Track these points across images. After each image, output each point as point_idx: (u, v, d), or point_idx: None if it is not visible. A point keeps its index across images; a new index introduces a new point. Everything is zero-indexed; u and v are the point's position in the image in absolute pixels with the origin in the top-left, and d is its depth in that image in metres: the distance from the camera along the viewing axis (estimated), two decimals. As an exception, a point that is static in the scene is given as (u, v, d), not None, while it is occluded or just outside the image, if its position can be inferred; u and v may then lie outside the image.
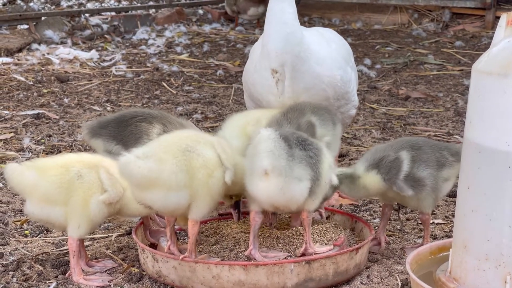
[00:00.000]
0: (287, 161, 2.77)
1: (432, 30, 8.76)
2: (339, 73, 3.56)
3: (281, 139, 2.78)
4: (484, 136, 2.56)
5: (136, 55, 7.40)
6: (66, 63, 6.92)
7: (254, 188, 2.84)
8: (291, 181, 2.79)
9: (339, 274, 2.95)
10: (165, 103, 5.75)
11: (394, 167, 3.09)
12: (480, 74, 2.60)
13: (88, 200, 2.93)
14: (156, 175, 2.76)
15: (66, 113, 5.44)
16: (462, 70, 6.81)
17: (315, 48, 3.46)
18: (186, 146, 2.84)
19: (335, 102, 3.60)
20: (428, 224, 3.24)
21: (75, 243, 2.96)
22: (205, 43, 7.99)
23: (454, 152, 3.23)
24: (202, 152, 2.85)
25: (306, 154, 2.84)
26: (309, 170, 2.83)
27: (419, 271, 2.86)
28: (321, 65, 3.47)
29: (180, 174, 2.79)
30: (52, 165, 2.97)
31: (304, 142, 2.87)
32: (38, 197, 2.92)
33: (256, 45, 3.83)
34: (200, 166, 2.82)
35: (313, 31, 3.69)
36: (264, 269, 2.83)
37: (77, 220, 2.94)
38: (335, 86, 3.56)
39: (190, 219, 2.88)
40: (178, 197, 2.81)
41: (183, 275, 2.90)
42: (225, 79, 6.56)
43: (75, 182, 2.93)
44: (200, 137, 2.93)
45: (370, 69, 6.88)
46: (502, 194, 2.52)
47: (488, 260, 2.57)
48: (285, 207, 2.89)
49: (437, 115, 5.48)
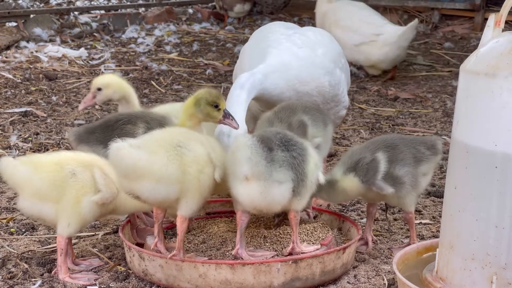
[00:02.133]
0: (265, 167, 2.79)
1: (421, 31, 8.76)
2: (326, 79, 3.57)
3: (259, 144, 2.79)
4: (471, 136, 2.57)
5: (125, 53, 7.37)
6: (54, 61, 6.89)
7: (237, 192, 2.86)
8: (270, 184, 2.80)
9: (326, 273, 2.94)
10: (154, 102, 5.73)
11: (371, 169, 3.10)
12: (468, 75, 2.60)
13: (80, 198, 2.92)
14: (146, 164, 2.76)
15: (54, 111, 5.42)
16: (451, 71, 6.83)
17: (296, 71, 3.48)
18: (178, 141, 2.85)
19: (324, 105, 3.61)
20: (413, 223, 3.24)
21: (64, 241, 2.95)
22: (194, 42, 7.98)
23: (430, 145, 3.25)
24: (193, 148, 2.86)
25: (289, 155, 2.84)
26: (290, 171, 2.83)
27: (406, 271, 2.86)
28: (306, 85, 3.49)
29: (170, 167, 2.79)
30: (46, 161, 2.97)
31: (287, 143, 2.87)
32: (31, 193, 2.92)
33: (246, 46, 3.83)
34: (191, 161, 2.83)
35: (300, 36, 3.66)
36: (251, 268, 2.83)
37: (67, 218, 2.93)
38: (324, 93, 3.58)
39: (179, 215, 2.88)
40: (167, 189, 2.81)
41: (169, 273, 2.89)
42: (214, 78, 6.55)
43: (69, 180, 2.92)
44: (191, 134, 2.94)
45: (359, 70, 6.88)
46: (489, 194, 2.52)
47: (474, 260, 2.57)
48: (268, 210, 2.90)
49: (425, 116, 5.49)
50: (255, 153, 2.78)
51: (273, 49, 3.53)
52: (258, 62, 3.47)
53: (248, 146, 2.78)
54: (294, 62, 3.49)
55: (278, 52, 3.51)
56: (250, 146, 2.78)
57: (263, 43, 3.63)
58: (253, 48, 3.68)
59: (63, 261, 2.97)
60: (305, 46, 3.59)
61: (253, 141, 2.79)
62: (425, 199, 3.90)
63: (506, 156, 2.47)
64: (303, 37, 3.65)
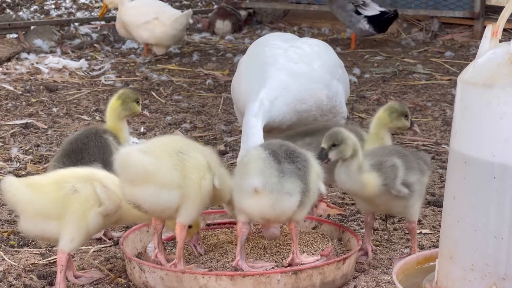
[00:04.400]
0: (278, 178, 2.81)
1: (421, 39, 8.78)
2: (323, 93, 3.58)
3: (271, 157, 2.82)
4: (469, 146, 2.58)
5: (126, 64, 7.39)
6: (55, 73, 6.91)
7: (245, 205, 2.87)
8: (282, 196, 2.83)
9: (326, 284, 2.95)
10: (154, 112, 5.75)
11: (392, 172, 3.11)
12: (465, 85, 2.61)
13: (87, 212, 2.92)
14: (155, 168, 2.79)
15: (55, 123, 5.43)
16: (451, 80, 6.84)
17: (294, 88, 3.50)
18: (179, 147, 2.89)
19: (322, 117, 3.62)
20: (415, 233, 3.25)
21: (65, 257, 2.92)
22: (194, 52, 7.99)
23: (425, 161, 3.29)
24: (194, 155, 2.89)
25: (295, 167, 2.86)
26: (299, 182, 2.85)
27: (406, 281, 2.86)
28: (305, 103, 3.51)
29: (174, 172, 2.83)
30: (45, 182, 2.95)
31: (292, 154, 2.89)
32: (33, 214, 2.90)
33: (243, 59, 3.83)
34: (193, 167, 2.87)
35: (296, 50, 3.66)
36: (251, 279, 2.83)
37: (71, 233, 2.91)
38: (322, 106, 3.59)
39: (178, 223, 2.89)
40: (169, 195, 2.83)
41: (170, 285, 2.89)
42: (214, 88, 6.56)
43: (71, 196, 2.91)
44: (189, 142, 2.99)
45: (359, 79, 6.90)
46: (488, 204, 2.53)
47: (473, 270, 2.57)
48: (276, 220, 2.93)
49: (425, 125, 5.50)
50: (268, 165, 2.81)
51: (271, 68, 3.53)
52: (257, 82, 3.47)
53: (261, 158, 2.82)
54: (292, 83, 3.50)
55: (277, 73, 3.50)
56: (264, 159, 2.81)
57: (260, 59, 3.63)
58: (250, 64, 3.67)
59: (62, 279, 2.94)
60: (301, 61, 3.59)
61: (266, 154, 2.82)
62: (425, 208, 3.90)
63: (504, 167, 2.48)
64: (299, 50, 3.65)
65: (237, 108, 3.78)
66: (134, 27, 7.48)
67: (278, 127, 3.46)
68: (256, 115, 3.35)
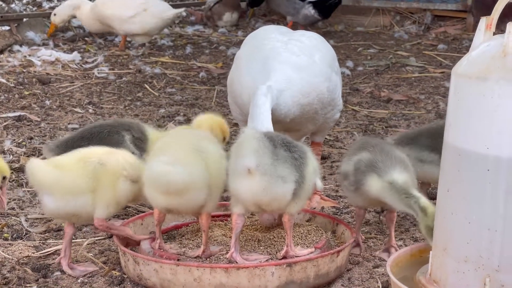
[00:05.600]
0: (271, 160, 2.79)
1: (414, 32, 8.79)
2: (325, 85, 3.57)
3: (266, 139, 2.79)
4: (463, 139, 2.58)
5: (119, 57, 7.38)
6: (48, 65, 6.89)
7: (237, 186, 2.86)
8: (275, 180, 2.81)
9: (320, 276, 2.96)
10: (147, 105, 5.74)
11: None
12: (459, 78, 2.62)
13: (116, 181, 3.03)
14: (191, 180, 2.88)
15: (48, 115, 5.42)
16: (444, 73, 6.85)
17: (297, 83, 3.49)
18: (196, 145, 2.97)
19: (322, 111, 3.62)
20: (393, 223, 3.26)
21: (105, 222, 3.05)
22: (187, 45, 7.98)
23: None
24: (210, 149, 3.00)
25: (291, 156, 2.85)
26: (294, 171, 2.84)
27: (400, 273, 2.87)
28: (308, 96, 3.51)
29: (203, 174, 2.92)
30: (69, 161, 3.04)
31: (289, 144, 2.88)
32: (64, 191, 2.98)
33: (241, 53, 3.80)
34: (213, 162, 2.96)
35: (296, 43, 3.64)
36: (245, 272, 2.84)
37: (106, 201, 3.02)
38: (323, 99, 3.58)
39: (206, 213, 3.00)
40: (200, 194, 2.95)
41: (164, 277, 2.90)
42: (207, 81, 6.56)
43: (99, 169, 3.01)
44: (200, 135, 3.12)
45: (352, 71, 6.90)
46: (482, 197, 2.54)
47: (467, 262, 2.58)
48: (268, 206, 2.90)
49: (418, 118, 5.51)
50: (263, 145, 2.78)
51: (273, 62, 3.50)
52: (261, 76, 3.45)
53: (255, 138, 2.79)
54: (296, 77, 3.48)
55: (281, 67, 3.48)
56: (258, 139, 2.79)
57: (260, 53, 3.60)
58: (250, 57, 3.64)
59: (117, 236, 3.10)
60: (302, 54, 3.58)
61: (260, 135, 2.81)
62: (419, 201, 3.90)
63: (498, 159, 2.49)
64: (299, 43, 3.64)
65: (234, 102, 3.76)
66: (119, 20, 7.43)
67: (282, 120, 3.44)
68: (265, 94, 3.32)
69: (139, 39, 7.66)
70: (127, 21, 7.44)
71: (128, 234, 3.15)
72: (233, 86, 3.70)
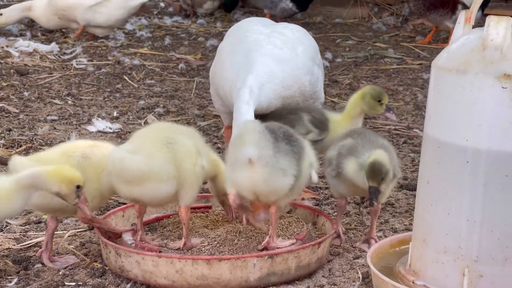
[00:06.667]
0: (273, 152, 2.81)
1: (392, 24, 8.83)
2: (307, 78, 3.60)
3: (268, 132, 2.82)
4: (443, 131, 2.61)
5: (97, 48, 7.35)
6: (25, 56, 6.85)
7: (237, 177, 2.86)
8: (276, 172, 2.82)
9: (301, 268, 2.98)
10: (126, 97, 5.73)
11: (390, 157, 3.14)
12: (439, 71, 2.65)
13: (100, 174, 3.00)
14: (150, 169, 2.87)
15: (26, 107, 5.39)
16: (421, 64, 6.89)
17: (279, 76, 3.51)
18: (167, 137, 2.95)
19: (304, 103, 3.63)
20: (377, 215, 3.28)
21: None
22: (166, 36, 7.97)
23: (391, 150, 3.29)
24: (182, 142, 2.96)
25: (291, 149, 2.87)
26: (294, 164, 2.86)
27: (380, 264, 2.90)
28: (290, 89, 3.52)
29: (169, 166, 2.90)
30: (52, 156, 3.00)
31: (290, 137, 2.90)
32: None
33: (224, 45, 3.80)
34: (185, 155, 2.94)
35: (279, 36, 3.65)
36: (227, 263, 2.85)
37: (90, 194, 2.96)
38: (305, 92, 3.60)
39: (183, 206, 2.98)
40: (167, 187, 2.93)
41: (146, 269, 2.90)
42: (186, 72, 6.55)
43: (83, 162, 2.97)
44: (175, 128, 3.09)
45: (331, 63, 6.92)
46: (461, 188, 2.57)
47: (446, 253, 2.62)
48: (266, 197, 2.90)
49: (397, 109, 5.54)
50: (264, 138, 2.80)
51: (256, 54, 3.52)
52: (243, 69, 3.47)
53: (257, 130, 2.81)
54: (278, 69, 3.51)
55: (263, 59, 3.50)
56: (260, 131, 2.80)
57: (243, 45, 3.62)
58: (233, 50, 3.65)
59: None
60: (285, 47, 3.60)
61: (262, 128, 2.82)
62: (398, 192, 3.95)
63: (477, 151, 2.52)
64: (282, 36, 3.65)
65: (216, 94, 3.77)
66: (82, 8, 7.34)
67: (264, 113, 3.47)
68: (247, 102, 3.35)
69: (100, 31, 7.59)
70: (90, 9, 7.37)
71: (110, 227, 3.15)
72: (215, 78, 3.71)
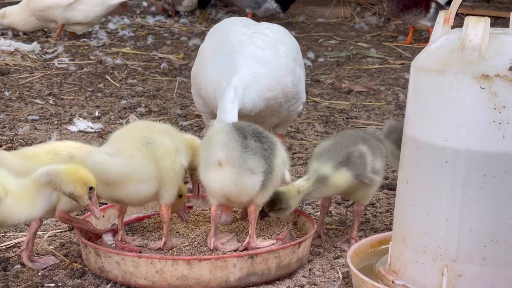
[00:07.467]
0: (240, 152, 2.81)
1: (374, 23, 8.86)
2: (289, 79, 3.60)
3: (235, 131, 2.82)
4: (422, 131, 2.62)
5: (79, 47, 7.32)
6: (6, 55, 6.81)
7: (208, 179, 2.88)
8: (244, 172, 2.83)
9: (282, 268, 2.98)
10: (108, 96, 5.71)
11: (361, 162, 3.13)
12: (419, 71, 2.65)
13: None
14: (129, 171, 2.87)
15: (7, 106, 5.37)
16: (403, 64, 6.92)
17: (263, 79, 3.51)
18: (146, 138, 2.94)
19: (286, 104, 3.64)
20: (360, 216, 3.29)
21: (66, 215, 3.00)
22: (149, 36, 7.95)
23: (380, 139, 3.31)
24: (161, 141, 2.96)
25: (261, 146, 2.87)
26: (263, 162, 2.86)
27: (360, 263, 2.91)
28: (273, 90, 3.52)
29: (149, 166, 2.90)
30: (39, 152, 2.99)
31: (260, 134, 2.90)
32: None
33: (206, 46, 3.80)
34: (163, 154, 2.94)
35: (261, 37, 3.65)
36: (207, 263, 2.85)
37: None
38: (287, 93, 3.61)
39: (163, 204, 2.98)
40: (148, 187, 2.93)
41: (126, 270, 2.90)
42: (169, 72, 6.54)
43: (69, 162, 2.92)
44: (153, 126, 3.07)
45: (313, 63, 6.93)
46: (440, 188, 2.58)
47: (426, 253, 2.63)
48: (237, 198, 2.91)
49: (378, 109, 5.56)
50: (231, 138, 2.80)
51: (239, 56, 3.52)
52: (227, 71, 3.47)
53: (224, 131, 2.81)
54: (261, 71, 3.51)
55: (246, 61, 3.50)
56: (227, 132, 2.81)
57: (226, 46, 3.62)
58: (216, 51, 3.65)
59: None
60: (267, 48, 3.60)
61: (229, 128, 2.83)
62: (378, 192, 3.96)
63: (456, 151, 2.53)
64: (264, 37, 3.66)
65: (198, 94, 3.77)
66: (61, 8, 7.37)
67: (247, 115, 3.47)
68: (232, 101, 3.35)
69: (79, 28, 7.59)
70: (69, 8, 7.37)
71: (90, 228, 3.14)
72: (197, 78, 3.70)
